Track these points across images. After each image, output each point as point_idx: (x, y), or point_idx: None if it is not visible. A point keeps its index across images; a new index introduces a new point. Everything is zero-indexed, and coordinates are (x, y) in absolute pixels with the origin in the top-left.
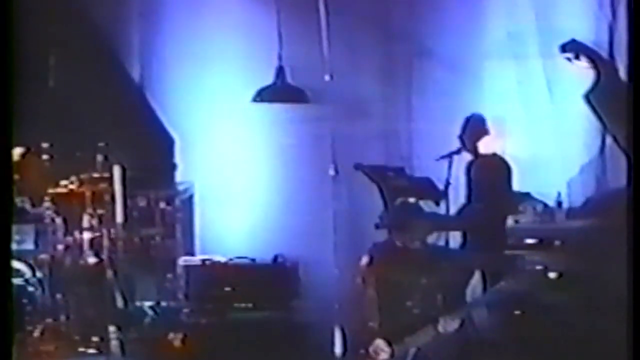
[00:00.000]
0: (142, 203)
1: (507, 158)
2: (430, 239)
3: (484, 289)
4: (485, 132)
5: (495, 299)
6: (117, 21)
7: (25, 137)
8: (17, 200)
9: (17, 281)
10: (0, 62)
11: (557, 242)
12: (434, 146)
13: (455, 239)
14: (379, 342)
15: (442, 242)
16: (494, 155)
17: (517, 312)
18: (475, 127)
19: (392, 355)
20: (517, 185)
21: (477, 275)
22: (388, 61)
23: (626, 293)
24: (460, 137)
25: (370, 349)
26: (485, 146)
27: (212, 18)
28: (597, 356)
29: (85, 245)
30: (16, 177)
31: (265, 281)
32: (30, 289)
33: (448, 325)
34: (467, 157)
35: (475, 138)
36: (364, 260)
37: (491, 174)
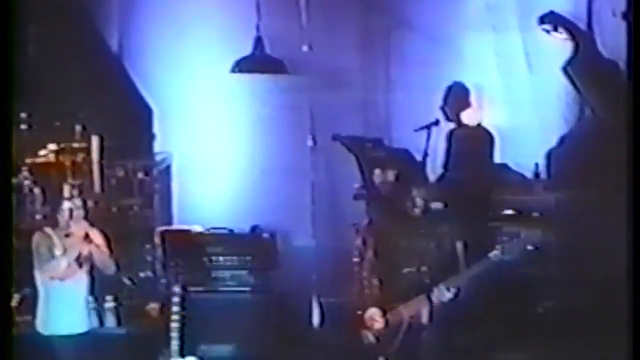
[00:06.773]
0: (120, 173)
1: (490, 129)
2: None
3: (465, 259)
4: (468, 102)
5: (475, 270)
6: None
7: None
8: None
9: None
10: None
11: (535, 214)
12: (412, 117)
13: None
14: (374, 311)
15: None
16: (479, 125)
17: (494, 283)
18: (458, 97)
19: (385, 324)
20: (495, 156)
21: (459, 246)
22: (366, 32)
23: (604, 264)
24: (442, 108)
25: (365, 317)
26: (468, 116)
27: None
28: (579, 326)
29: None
30: None
31: (243, 251)
32: None
33: (442, 295)
34: (446, 127)
35: (459, 108)
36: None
37: (476, 145)
